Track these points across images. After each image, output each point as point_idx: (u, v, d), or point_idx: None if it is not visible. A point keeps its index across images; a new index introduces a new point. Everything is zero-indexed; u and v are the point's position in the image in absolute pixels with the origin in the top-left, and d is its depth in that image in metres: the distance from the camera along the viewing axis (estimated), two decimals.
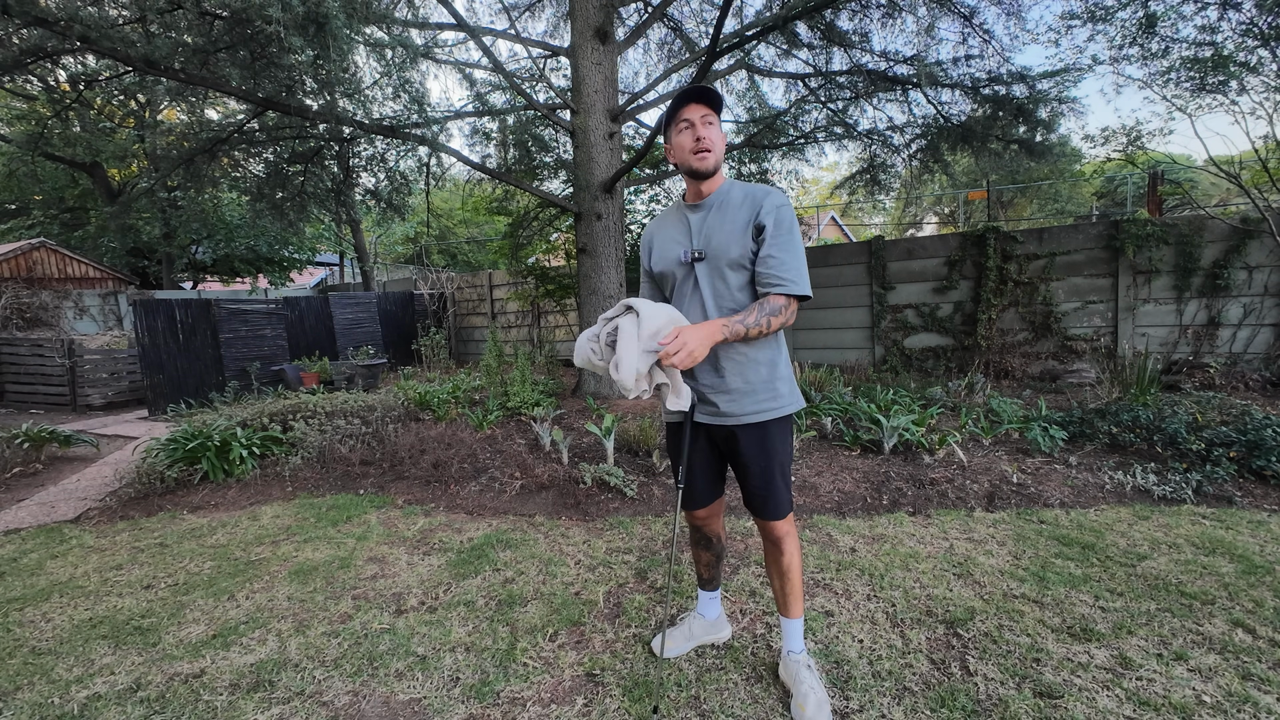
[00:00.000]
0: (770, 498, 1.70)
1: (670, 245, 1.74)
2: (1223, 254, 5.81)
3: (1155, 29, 5.27)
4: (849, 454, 4.06)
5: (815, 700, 1.67)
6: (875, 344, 7.55)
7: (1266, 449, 3.26)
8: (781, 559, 1.76)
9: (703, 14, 7.79)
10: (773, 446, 1.69)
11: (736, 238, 1.60)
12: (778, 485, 1.70)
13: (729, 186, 1.68)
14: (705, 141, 1.59)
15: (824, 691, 1.72)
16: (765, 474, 1.69)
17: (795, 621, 1.81)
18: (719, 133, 1.63)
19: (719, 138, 1.63)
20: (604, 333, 1.58)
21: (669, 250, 1.74)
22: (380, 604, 2.44)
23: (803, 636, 1.82)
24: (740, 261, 1.61)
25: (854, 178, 7.75)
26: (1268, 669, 1.80)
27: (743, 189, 1.66)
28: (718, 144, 1.62)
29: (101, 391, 8.03)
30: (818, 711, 1.65)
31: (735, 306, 1.63)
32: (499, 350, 6.43)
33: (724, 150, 1.66)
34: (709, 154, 1.61)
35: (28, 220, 15.07)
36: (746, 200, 1.62)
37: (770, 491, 1.70)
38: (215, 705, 1.86)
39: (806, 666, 1.76)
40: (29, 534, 3.51)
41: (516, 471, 3.94)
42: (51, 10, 4.16)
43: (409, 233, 19.25)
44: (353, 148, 6.97)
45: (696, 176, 1.66)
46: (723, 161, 1.68)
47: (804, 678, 1.73)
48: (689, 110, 1.61)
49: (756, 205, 1.60)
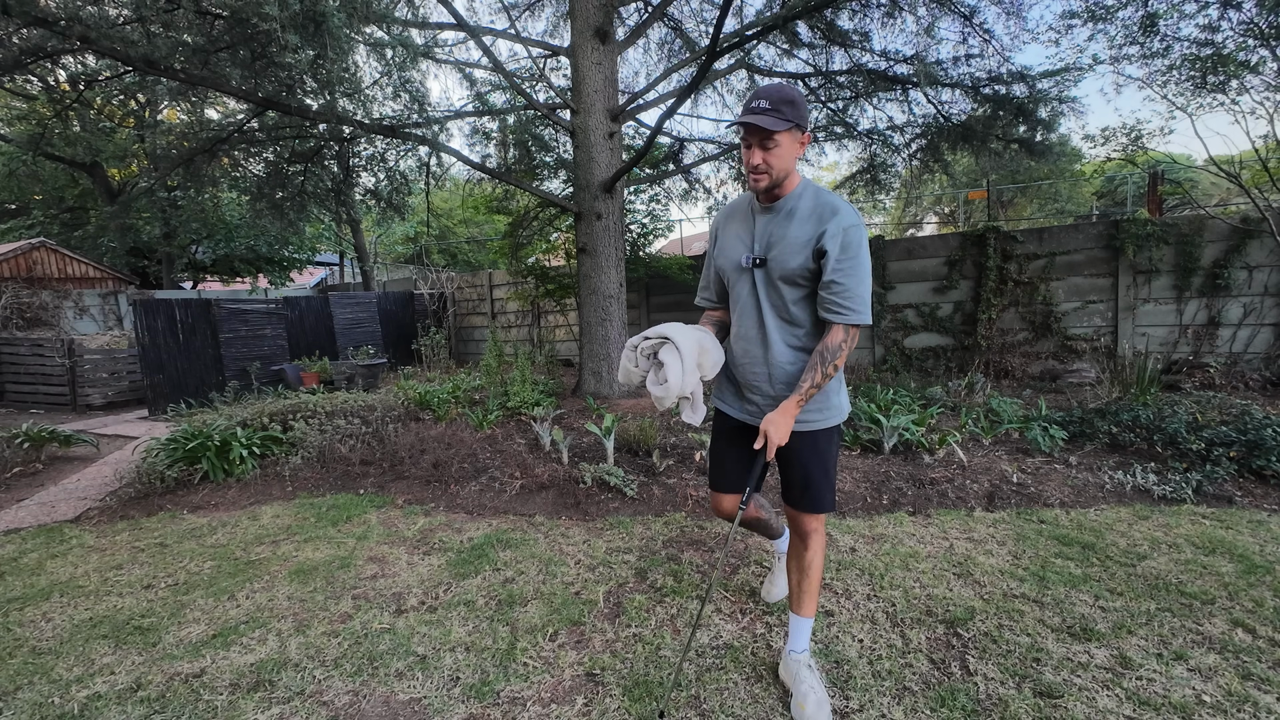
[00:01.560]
0: (809, 492, 1.74)
1: (734, 243, 1.73)
2: (1223, 254, 5.81)
3: (1156, 28, 5.27)
4: (849, 454, 4.06)
5: (815, 700, 1.67)
6: (875, 344, 7.55)
7: (1266, 449, 3.26)
8: (805, 554, 1.79)
9: (703, 14, 7.79)
10: (819, 448, 1.73)
11: (798, 251, 1.57)
12: (817, 482, 1.73)
13: (802, 190, 1.62)
14: (760, 166, 1.56)
15: (824, 691, 1.72)
16: (806, 471, 1.73)
17: (805, 620, 1.81)
18: (781, 150, 1.54)
19: (780, 155, 1.55)
20: (642, 346, 1.76)
21: (732, 249, 1.73)
22: (380, 604, 2.44)
23: (809, 638, 1.82)
24: (797, 276, 1.59)
25: (854, 177, 7.75)
26: (1268, 669, 1.80)
27: (814, 199, 1.60)
28: (775, 166, 1.56)
29: (101, 391, 8.03)
30: (817, 711, 1.65)
31: (789, 319, 1.66)
32: (499, 350, 6.43)
33: (789, 162, 1.58)
34: (763, 177, 1.57)
35: (28, 220, 15.06)
36: (814, 214, 1.58)
37: (809, 486, 1.73)
38: (215, 705, 1.86)
39: (807, 666, 1.76)
40: (29, 534, 3.51)
41: (516, 471, 3.94)
42: (51, 10, 4.16)
43: (409, 232, 19.23)
44: (353, 147, 6.98)
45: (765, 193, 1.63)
46: (791, 168, 1.60)
47: (804, 677, 1.73)
48: (746, 133, 1.56)
49: (822, 224, 1.54)
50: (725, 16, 4.39)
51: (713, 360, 1.76)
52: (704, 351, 1.73)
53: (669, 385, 1.66)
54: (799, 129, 1.54)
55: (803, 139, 1.58)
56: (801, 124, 1.54)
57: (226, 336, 7.87)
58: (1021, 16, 5.90)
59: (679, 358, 1.67)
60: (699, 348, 1.72)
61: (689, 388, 1.69)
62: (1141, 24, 5.32)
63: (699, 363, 1.72)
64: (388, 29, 4.60)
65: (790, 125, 1.51)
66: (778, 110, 1.51)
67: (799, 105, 1.53)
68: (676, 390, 1.66)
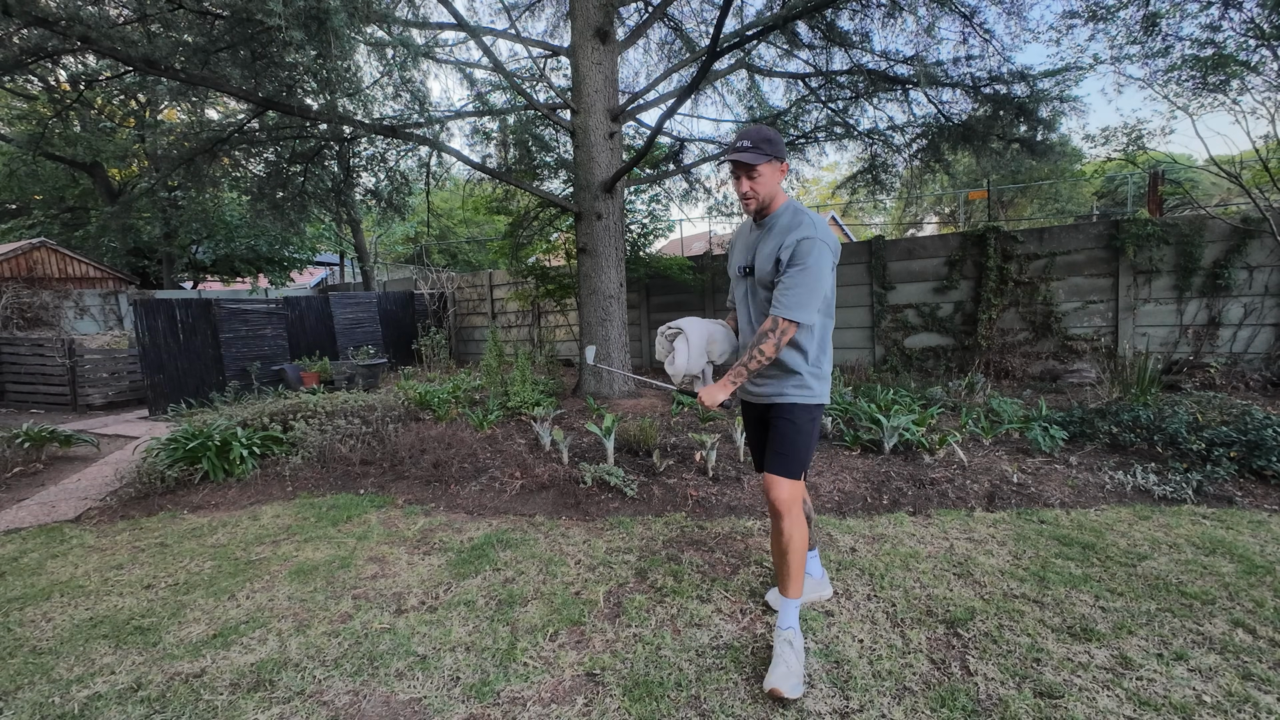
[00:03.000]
0: (776, 453, 1.94)
1: (737, 254, 2.08)
2: (1223, 254, 5.81)
3: (1157, 27, 5.26)
4: (849, 454, 4.06)
5: (782, 671, 1.77)
6: (875, 344, 7.55)
7: (1267, 449, 3.26)
8: (781, 537, 1.93)
9: (703, 14, 7.78)
10: (795, 419, 1.94)
11: (768, 260, 1.88)
12: (787, 445, 1.92)
13: (782, 210, 1.92)
14: (748, 194, 1.88)
15: (798, 665, 1.81)
16: (780, 435, 1.95)
17: (788, 601, 1.94)
18: (764, 179, 1.86)
19: (763, 184, 1.86)
20: (665, 333, 2.20)
21: (735, 259, 2.09)
22: (380, 604, 2.44)
23: (795, 616, 1.93)
24: (770, 281, 1.89)
25: (855, 177, 7.74)
26: (1268, 669, 1.79)
27: (790, 218, 1.88)
28: (761, 192, 1.88)
29: (102, 391, 8.03)
30: (782, 681, 1.74)
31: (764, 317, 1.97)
32: (499, 350, 6.43)
33: (772, 189, 1.89)
34: (751, 201, 1.90)
35: (28, 220, 15.07)
36: (784, 230, 1.86)
37: (777, 448, 1.94)
38: (216, 705, 1.86)
39: (787, 642, 1.84)
40: (29, 533, 3.51)
41: (517, 471, 3.94)
42: (52, 10, 4.16)
43: (409, 232, 19.23)
44: (353, 147, 6.98)
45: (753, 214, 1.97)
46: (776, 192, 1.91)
47: (781, 651, 1.83)
48: (734, 168, 1.87)
49: (785, 238, 1.83)
50: (725, 17, 4.39)
51: (721, 348, 2.14)
52: (713, 340, 2.13)
53: (676, 366, 2.11)
54: (778, 160, 1.87)
55: (782, 168, 1.90)
56: (779, 156, 1.87)
57: (227, 336, 7.87)
58: (1022, 16, 5.90)
59: (687, 345, 2.10)
60: (708, 338, 2.13)
61: (695, 368, 2.11)
62: (1143, 23, 5.32)
63: (707, 349, 2.12)
64: (389, 29, 4.60)
65: (769, 158, 1.84)
66: (758, 148, 1.83)
67: (775, 142, 1.86)
68: (683, 369, 2.09)
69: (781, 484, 1.90)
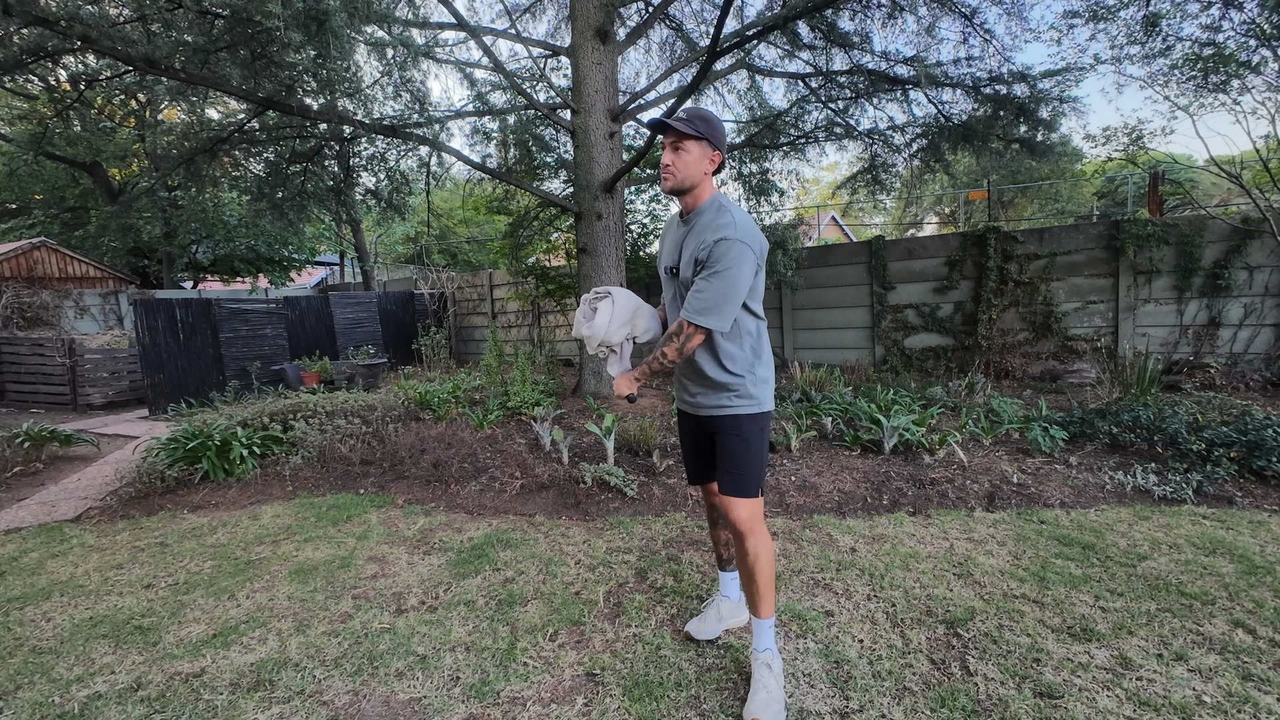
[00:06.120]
0: (728, 471, 1.81)
1: (665, 252, 1.94)
2: (1223, 254, 5.80)
3: (1158, 27, 5.26)
4: (849, 454, 4.06)
5: (763, 699, 1.69)
6: (875, 344, 7.55)
7: (1267, 449, 3.26)
8: (746, 558, 1.79)
9: (703, 14, 7.78)
10: (741, 431, 1.81)
11: (690, 262, 1.76)
12: (737, 462, 1.80)
13: (706, 207, 1.78)
14: (669, 166, 1.75)
15: (779, 690, 1.72)
16: (728, 450, 1.82)
17: (761, 621, 1.82)
18: (689, 157, 1.73)
19: (687, 162, 1.74)
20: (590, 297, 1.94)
21: (663, 257, 1.96)
22: (380, 603, 2.44)
23: (771, 636, 1.81)
24: (691, 282, 1.77)
25: (855, 178, 7.75)
26: (1268, 669, 1.79)
27: (713, 215, 1.74)
28: (680, 169, 1.74)
29: (102, 391, 8.03)
30: (763, 709, 1.66)
31: None
32: (499, 350, 6.43)
33: (695, 171, 1.75)
34: (670, 177, 1.76)
35: (28, 220, 15.06)
36: (705, 229, 1.72)
37: (728, 466, 1.81)
38: (215, 704, 1.86)
39: (766, 665, 1.76)
40: (29, 533, 3.51)
41: (516, 471, 3.94)
42: (52, 10, 4.16)
43: (409, 232, 19.23)
44: (353, 147, 6.97)
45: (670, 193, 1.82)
46: (700, 180, 1.77)
47: (759, 675, 1.75)
48: (663, 134, 1.77)
49: (704, 238, 1.70)
50: (726, 17, 4.38)
51: (645, 326, 1.93)
52: (638, 315, 1.92)
53: (595, 324, 1.86)
54: (710, 145, 1.74)
55: (713, 155, 1.77)
56: (712, 140, 1.74)
57: (227, 336, 7.87)
58: (1022, 16, 5.90)
59: (612, 307, 1.88)
60: (634, 310, 1.92)
61: (614, 337, 1.89)
62: (1143, 23, 5.32)
63: (631, 322, 1.91)
64: (389, 29, 4.60)
65: (699, 136, 1.71)
66: (691, 122, 1.72)
67: (713, 124, 1.74)
68: (602, 332, 1.86)
69: (740, 504, 1.77)
